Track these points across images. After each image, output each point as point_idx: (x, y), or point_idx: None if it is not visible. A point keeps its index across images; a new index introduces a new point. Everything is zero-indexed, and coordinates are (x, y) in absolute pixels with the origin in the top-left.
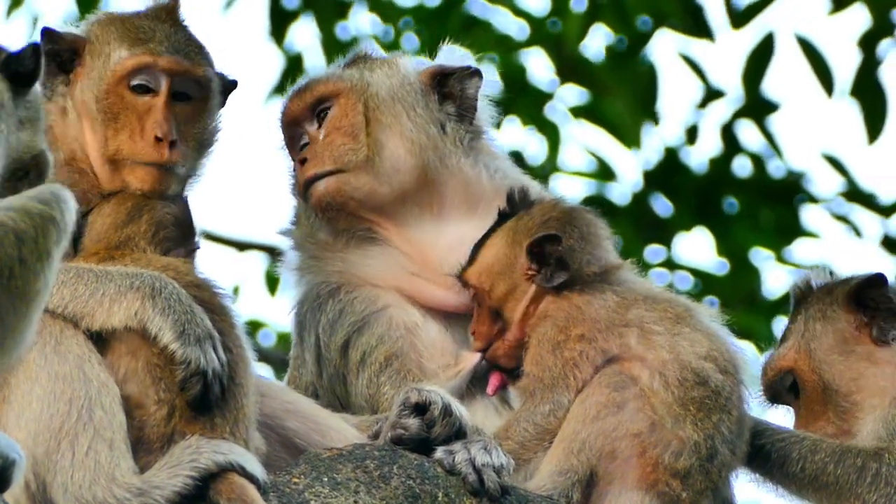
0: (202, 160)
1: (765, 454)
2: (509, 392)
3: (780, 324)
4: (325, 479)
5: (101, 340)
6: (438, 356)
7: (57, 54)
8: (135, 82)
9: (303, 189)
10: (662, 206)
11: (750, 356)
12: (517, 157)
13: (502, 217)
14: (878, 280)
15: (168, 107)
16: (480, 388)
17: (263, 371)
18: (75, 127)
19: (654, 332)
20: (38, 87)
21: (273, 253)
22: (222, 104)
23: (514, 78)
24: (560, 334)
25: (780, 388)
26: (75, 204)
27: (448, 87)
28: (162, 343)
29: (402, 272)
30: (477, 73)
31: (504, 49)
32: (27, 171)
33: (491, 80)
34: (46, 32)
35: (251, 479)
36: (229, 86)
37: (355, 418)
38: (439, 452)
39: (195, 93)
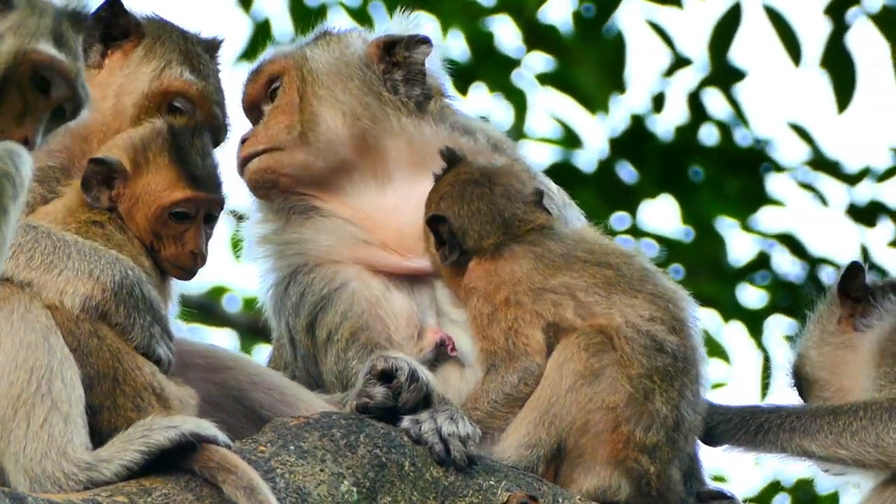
0: None
1: (782, 424)
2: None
3: (743, 291)
4: (292, 448)
5: None
6: (404, 327)
7: (110, 24)
8: (178, 101)
9: (239, 169)
10: (628, 173)
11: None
12: None
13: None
14: (852, 270)
15: None
16: (447, 358)
17: (229, 336)
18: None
19: (591, 303)
20: None
21: (239, 217)
22: None
23: (481, 45)
24: (487, 305)
25: (797, 390)
26: (31, 160)
27: (396, 56)
28: (133, 344)
29: (354, 242)
30: (425, 41)
31: (471, 16)
32: (39, 80)
33: (440, 46)
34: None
35: (210, 443)
36: None
37: (327, 396)
38: (406, 422)
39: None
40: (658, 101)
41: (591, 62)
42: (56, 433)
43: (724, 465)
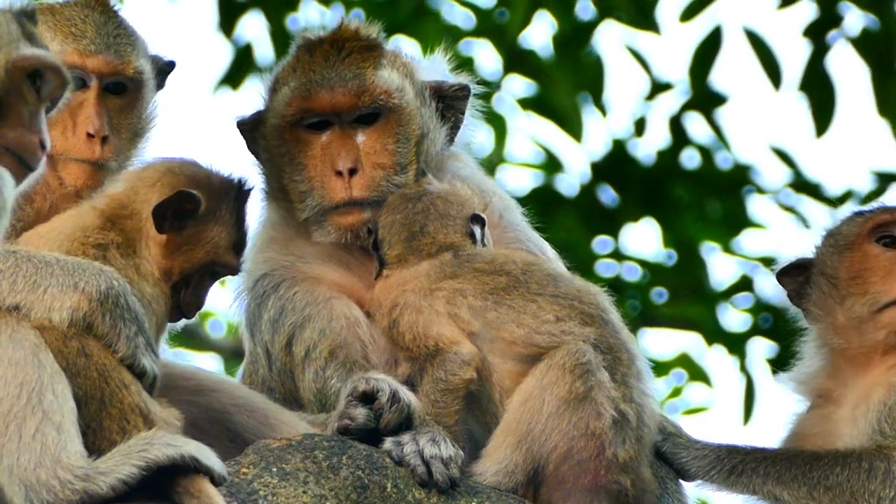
0: (136, 149)
1: (756, 468)
2: None
3: (726, 315)
4: (274, 470)
5: None
6: (381, 353)
7: None
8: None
9: (342, 202)
10: (610, 196)
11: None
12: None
13: None
14: None
15: (99, 101)
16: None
17: (213, 360)
18: None
19: (482, 308)
20: None
21: None
22: (160, 86)
23: (461, 69)
24: (384, 318)
25: None
26: (13, 182)
27: (443, 103)
28: (118, 355)
29: (349, 276)
30: (469, 91)
31: (451, 39)
32: (31, 82)
33: (474, 96)
34: None
35: (206, 471)
36: (166, 67)
37: (311, 417)
38: (388, 443)
39: (128, 85)
40: (639, 126)
41: (569, 86)
42: (49, 441)
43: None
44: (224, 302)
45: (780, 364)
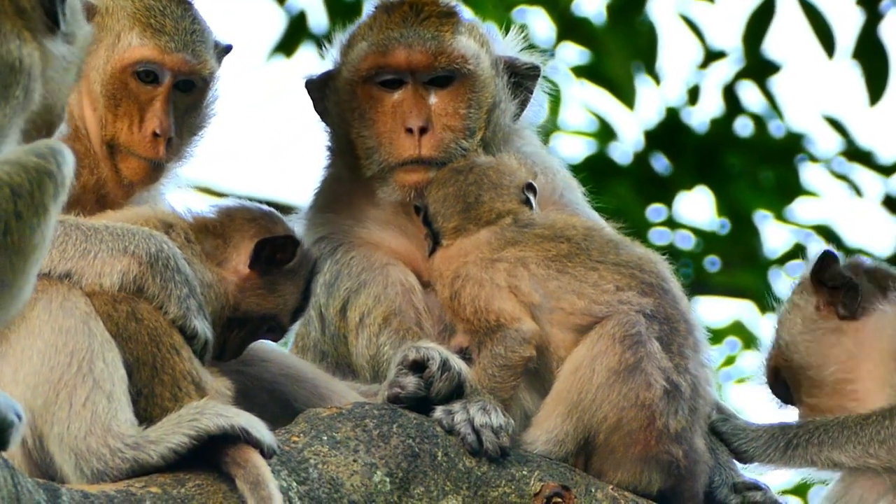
0: (192, 146)
1: (811, 438)
2: None
3: (778, 280)
4: (325, 438)
5: None
6: (434, 320)
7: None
8: (140, 69)
9: (410, 160)
10: (663, 165)
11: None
12: None
13: None
14: (826, 259)
15: (169, 100)
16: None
17: None
18: (74, 96)
19: (544, 276)
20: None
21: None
22: (217, 67)
23: (532, 49)
24: (445, 289)
25: (780, 389)
26: (73, 158)
27: (514, 79)
28: (169, 317)
29: (407, 243)
30: (539, 71)
31: (505, 7)
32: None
33: (545, 78)
34: None
35: (256, 443)
36: (224, 52)
37: (363, 387)
38: (438, 412)
39: (198, 84)
40: (693, 94)
41: (623, 54)
42: (100, 410)
43: None
44: None
45: None
